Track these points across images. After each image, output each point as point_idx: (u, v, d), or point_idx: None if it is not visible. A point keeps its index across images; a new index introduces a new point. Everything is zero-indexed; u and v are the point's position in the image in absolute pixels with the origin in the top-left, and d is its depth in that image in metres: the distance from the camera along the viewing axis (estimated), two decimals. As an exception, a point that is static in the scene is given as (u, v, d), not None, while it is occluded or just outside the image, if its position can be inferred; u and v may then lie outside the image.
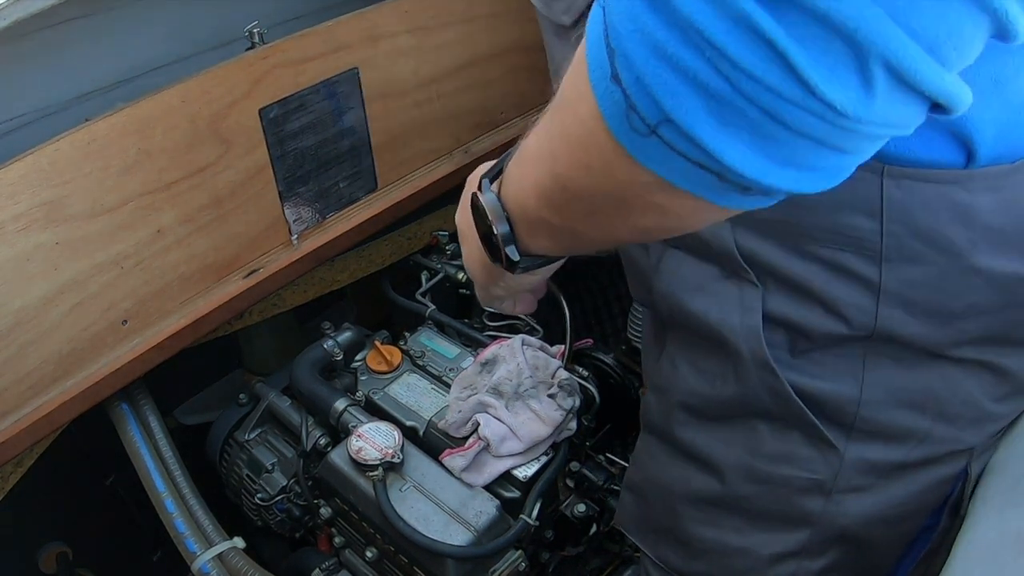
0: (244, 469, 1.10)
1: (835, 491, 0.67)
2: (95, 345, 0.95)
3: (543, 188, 0.49)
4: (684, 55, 0.35)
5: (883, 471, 0.66)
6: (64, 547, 1.18)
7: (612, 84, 0.38)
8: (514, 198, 0.53)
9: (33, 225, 0.85)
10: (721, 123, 0.36)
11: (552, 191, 0.48)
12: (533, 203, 0.51)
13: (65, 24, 0.98)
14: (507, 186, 0.54)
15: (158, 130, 0.93)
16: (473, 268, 0.67)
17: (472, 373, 0.97)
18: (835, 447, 0.65)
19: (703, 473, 0.72)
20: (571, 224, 0.50)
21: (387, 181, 1.21)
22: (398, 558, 0.92)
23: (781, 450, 0.66)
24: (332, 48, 1.06)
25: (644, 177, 0.41)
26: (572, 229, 0.51)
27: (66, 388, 0.94)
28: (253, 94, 1.00)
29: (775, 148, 0.37)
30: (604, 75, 0.38)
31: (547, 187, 0.48)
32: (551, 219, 0.51)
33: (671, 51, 0.35)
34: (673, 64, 0.36)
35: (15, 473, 0.94)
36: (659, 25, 0.35)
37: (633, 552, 1.13)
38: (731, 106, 0.36)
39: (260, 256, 1.09)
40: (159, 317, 1.00)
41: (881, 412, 0.63)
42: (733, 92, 0.35)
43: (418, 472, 0.91)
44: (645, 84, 0.37)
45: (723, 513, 0.72)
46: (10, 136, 0.98)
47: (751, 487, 0.69)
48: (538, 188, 0.49)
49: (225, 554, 0.97)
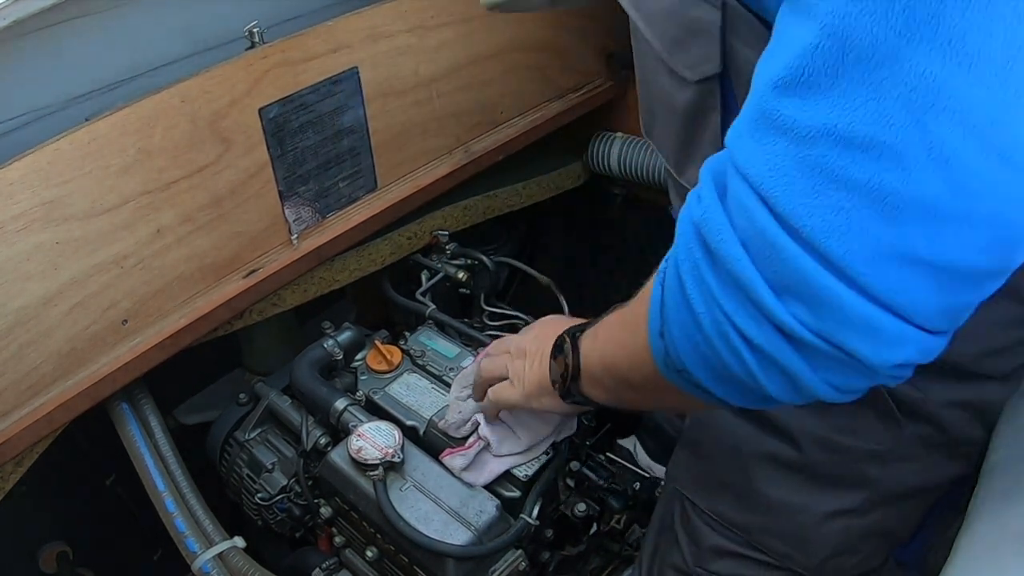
0: (244, 469, 1.10)
1: (891, 459, 0.78)
2: (95, 345, 0.95)
3: (607, 366, 0.68)
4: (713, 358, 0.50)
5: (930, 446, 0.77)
6: (64, 547, 1.18)
7: (659, 339, 0.54)
8: (585, 358, 0.71)
9: (33, 225, 0.85)
10: (717, 381, 0.52)
11: (613, 371, 0.67)
12: (598, 370, 0.70)
13: (65, 24, 0.98)
14: (584, 347, 0.72)
15: (158, 130, 0.93)
16: (530, 381, 0.81)
17: (471, 373, 0.97)
18: (899, 422, 0.75)
19: (778, 439, 0.81)
20: (619, 393, 0.69)
21: (387, 180, 1.21)
22: (398, 558, 0.92)
23: (855, 424, 0.77)
24: (332, 48, 1.06)
25: (674, 388, 0.57)
26: (619, 396, 0.70)
27: (66, 388, 0.94)
28: (253, 94, 1.00)
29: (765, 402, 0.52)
30: (656, 329, 0.55)
31: (609, 368, 0.67)
32: (606, 383, 0.69)
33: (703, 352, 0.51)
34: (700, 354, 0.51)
35: (15, 473, 0.94)
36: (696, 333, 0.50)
37: (633, 551, 1.13)
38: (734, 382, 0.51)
39: (260, 256, 1.09)
40: (159, 317, 1.00)
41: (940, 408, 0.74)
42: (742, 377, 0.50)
43: (418, 472, 0.91)
44: (676, 349, 0.53)
45: (792, 474, 0.81)
46: (10, 136, 0.98)
47: (823, 455, 0.79)
48: (603, 364, 0.68)
49: (225, 553, 0.97)
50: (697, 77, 0.69)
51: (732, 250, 0.46)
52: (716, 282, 0.47)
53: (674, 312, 0.51)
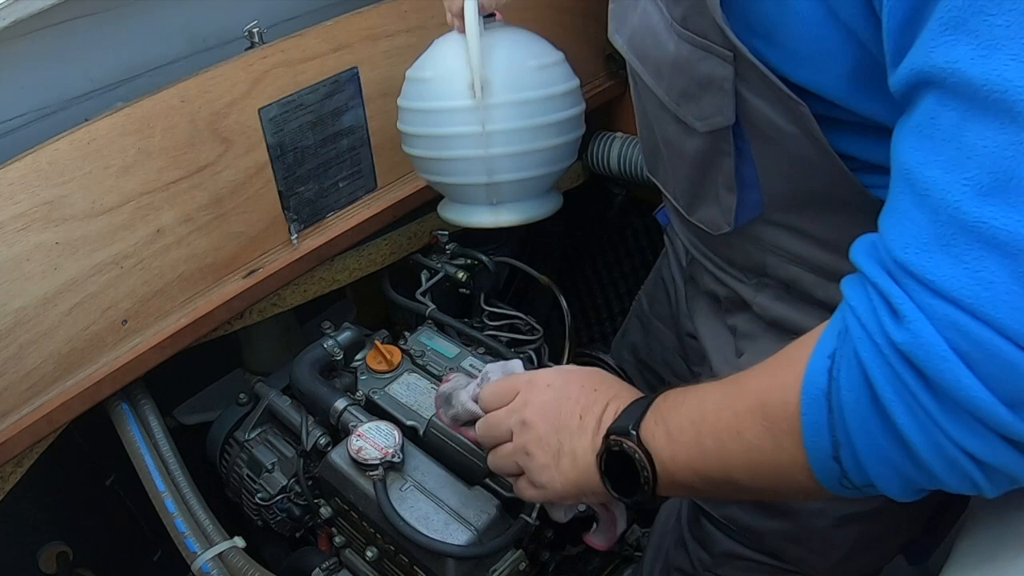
0: (244, 469, 1.10)
1: None
2: (95, 345, 0.95)
3: (707, 473, 0.60)
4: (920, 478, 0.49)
5: None
6: (64, 547, 1.18)
7: (832, 462, 0.51)
8: (664, 464, 0.62)
9: (33, 225, 0.85)
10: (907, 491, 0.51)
11: (715, 478, 0.59)
12: (686, 476, 0.61)
13: (65, 24, 0.98)
14: (658, 451, 0.62)
15: (158, 130, 0.93)
16: (565, 485, 0.68)
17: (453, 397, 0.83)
18: None
19: None
20: (716, 494, 0.64)
21: (387, 180, 1.21)
22: (398, 557, 0.92)
23: None
24: (332, 48, 1.06)
25: (818, 493, 0.54)
26: (713, 494, 0.64)
27: (66, 388, 0.94)
28: (253, 94, 1.00)
29: None
30: (825, 454, 0.51)
31: (712, 474, 0.59)
32: (698, 486, 0.61)
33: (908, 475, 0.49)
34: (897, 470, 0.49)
35: (15, 473, 0.94)
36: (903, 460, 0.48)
37: (633, 551, 1.13)
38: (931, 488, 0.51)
39: (260, 256, 1.09)
40: (159, 317, 1.00)
41: None
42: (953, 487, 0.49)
43: (418, 471, 0.91)
44: (866, 475, 0.50)
45: None
46: (10, 136, 0.98)
47: None
48: (698, 471, 0.60)
49: (226, 553, 0.97)
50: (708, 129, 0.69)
51: (959, 375, 0.44)
52: (939, 408, 0.45)
53: (866, 439, 0.49)
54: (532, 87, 0.80)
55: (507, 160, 0.80)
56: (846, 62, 0.57)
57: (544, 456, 0.68)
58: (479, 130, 0.79)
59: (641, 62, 0.75)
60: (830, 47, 0.56)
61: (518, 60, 0.80)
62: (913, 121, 0.47)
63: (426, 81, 0.80)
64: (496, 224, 0.86)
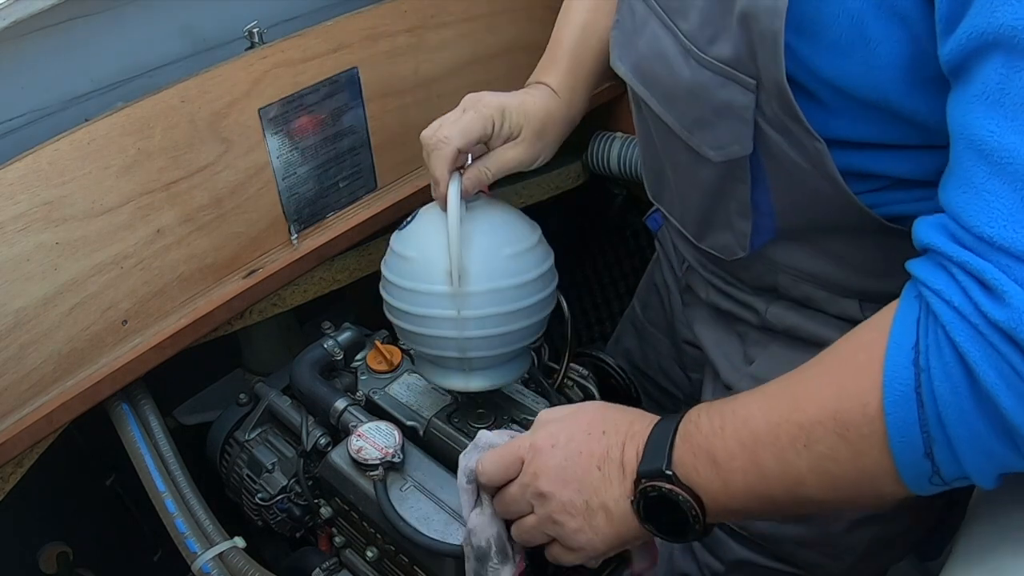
0: (244, 469, 1.10)
1: None
2: (95, 345, 0.95)
3: (769, 495, 0.56)
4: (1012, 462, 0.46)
5: None
6: (64, 547, 1.18)
7: (924, 460, 0.48)
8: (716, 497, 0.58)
9: (33, 225, 0.85)
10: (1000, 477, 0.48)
11: (779, 499, 0.56)
12: (742, 503, 0.57)
13: (65, 24, 0.98)
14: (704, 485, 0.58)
15: (158, 130, 0.93)
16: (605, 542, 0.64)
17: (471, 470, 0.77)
18: None
19: None
20: (778, 513, 0.59)
21: (387, 180, 1.21)
22: (399, 558, 0.92)
23: None
24: (332, 48, 1.06)
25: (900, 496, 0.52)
26: (775, 514, 0.60)
27: (66, 388, 0.94)
28: (253, 94, 1.00)
29: None
30: (915, 454, 0.48)
31: (775, 496, 0.56)
32: (756, 509, 0.58)
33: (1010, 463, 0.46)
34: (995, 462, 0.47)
35: (15, 473, 0.94)
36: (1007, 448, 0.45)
37: (633, 551, 1.13)
38: None
39: (260, 256, 1.09)
40: (159, 317, 1.00)
41: None
42: None
43: (419, 472, 0.91)
44: (962, 469, 0.48)
45: None
46: (10, 136, 0.98)
47: None
48: (762, 495, 0.56)
49: (226, 554, 0.97)
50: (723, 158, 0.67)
51: None
52: None
53: (965, 430, 0.46)
54: (507, 275, 0.83)
55: (481, 341, 0.85)
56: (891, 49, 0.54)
57: (574, 521, 0.63)
58: (454, 314, 0.82)
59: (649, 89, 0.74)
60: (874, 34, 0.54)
61: (495, 248, 0.84)
62: (976, 89, 0.45)
63: (408, 260, 0.84)
64: (467, 389, 0.90)
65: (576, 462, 0.63)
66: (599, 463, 0.62)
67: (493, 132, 0.81)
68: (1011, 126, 0.43)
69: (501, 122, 0.81)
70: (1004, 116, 0.43)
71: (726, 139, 0.65)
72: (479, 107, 0.80)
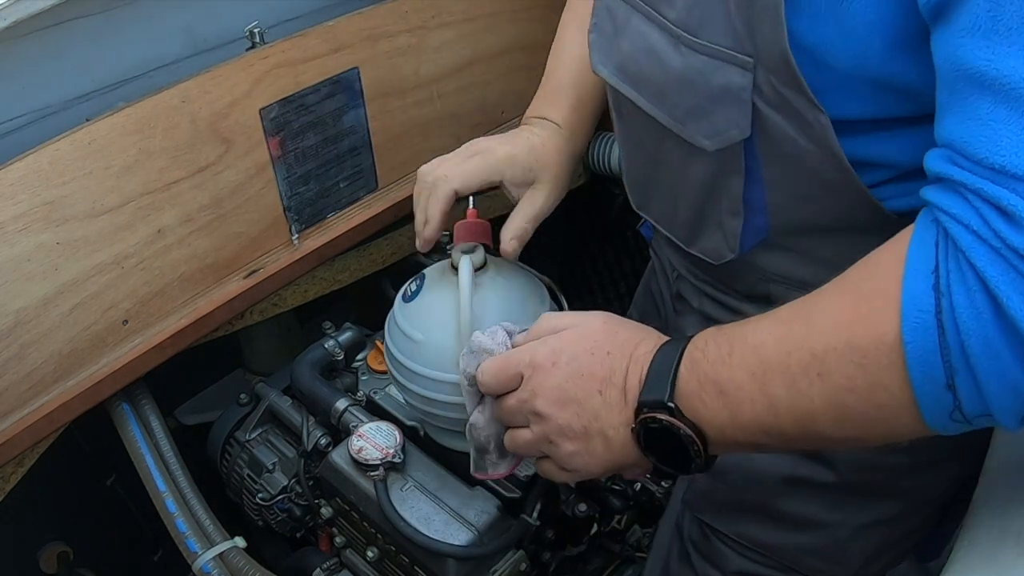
0: (245, 469, 1.10)
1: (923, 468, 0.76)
2: (96, 345, 0.95)
3: (779, 428, 0.53)
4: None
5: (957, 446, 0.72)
6: (64, 547, 1.18)
7: (945, 392, 0.45)
8: (722, 429, 0.55)
9: (33, 225, 0.85)
10: None
11: (789, 432, 0.53)
12: (750, 435, 0.54)
13: (65, 24, 0.98)
14: (710, 417, 0.55)
15: (158, 130, 0.93)
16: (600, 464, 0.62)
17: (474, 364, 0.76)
18: None
19: (813, 462, 0.77)
20: (787, 447, 0.56)
21: (387, 181, 1.21)
22: (399, 558, 0.92)
23: None
24: (332, 48, 1.06)
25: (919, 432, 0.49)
26: (783, 448, 0.57)
27: (67, 388, 0.94)
28: (253, 94, 1.00)
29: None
30: (936, 385, 0.45)
31: (785, 428, 0.53)
32: (764, 442, 0.55)
33: None
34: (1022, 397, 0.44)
35: (16, 473, 0.94)
36: None
37: (634, 552, 1.13)
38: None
39: (261, 256, 1.09)
40: (160, 317, 1.00)
41: None
42: None
43: (419, 472, 0.91)
44: (985, 403, 0.45)
45: (826, 493, 0.79)
46: (10, 136, 0.98)
47: (860, 474, 0.77)
48: (770, 428, 0.53)
49: (226, 554, 0.97)
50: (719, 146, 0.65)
51: None
52: None
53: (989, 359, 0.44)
54: None
55: None
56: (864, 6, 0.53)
57: (571, 444, 0.61)
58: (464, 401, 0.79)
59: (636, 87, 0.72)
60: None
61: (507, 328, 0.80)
62: (964, 23, 0.44)
63: (416, 343, 0.80)
64: None
65: (577, 384, 0.60)
66: (601, 387, 0.59)
67: (502, 182, 0.80)
68: (1008, 51, 0.42)
69: (512, 171, 0.80)
70: (999, 42, 0.42)
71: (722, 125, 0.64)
72: (487, 155, 0.79)
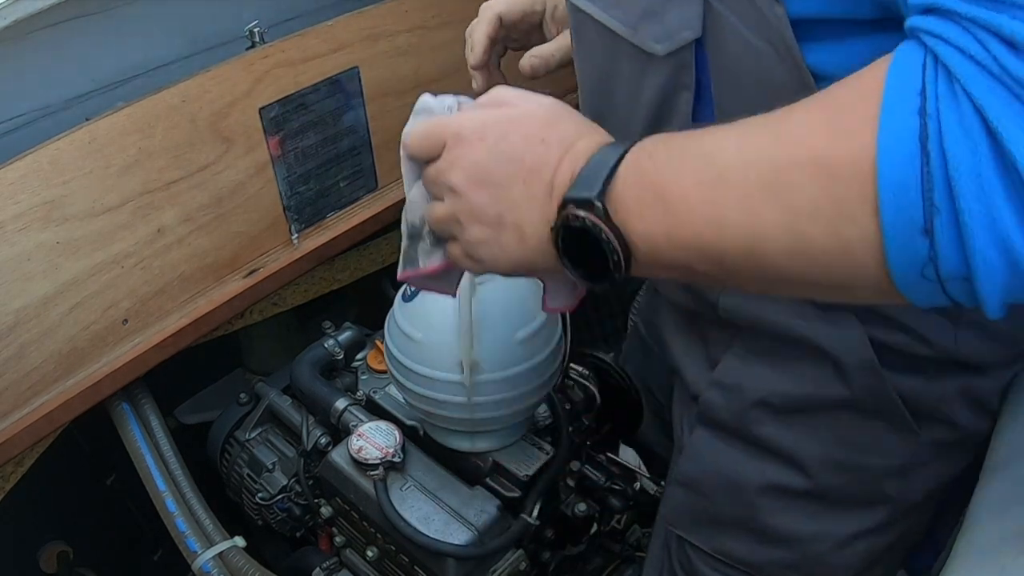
0: (245, 468, 1.10)
1: (910, 471, 0.72)
2: (95, 344, 0.95)
3: (721, 250, 0.45)
4: None
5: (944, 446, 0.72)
6: (64, 547, 1.18)
7: (920, 237, 0.38)
8: (654, 241, 0.48)
9: (33, 224, 0.85)
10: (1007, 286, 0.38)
11: (732, 257, 0.45)
12: (685, 254, 0.47)
13: (65, 24, 0.98)
14: (645, 228, 0.48)
15: (158, 129, 0.93)
16: (511, 261, 0.55)
17: None
18: (916, 432, 0.70)
19: (785, 467, 0.74)
20: (723, 279, 0.48)
21: (387, 180, 1.21)
22: (399, 557, 0.92)
23: (867, 441, 0.70)
24: (332, 47, 1.06)
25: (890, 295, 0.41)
26: (718, 279, 0.48)
27: (66, 387, 0.94)
28: (253, 93, 1.00)
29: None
30: (910, 225, 0.38)
31: (728, 251, 0.45)
32: (699, 267, 0.47)
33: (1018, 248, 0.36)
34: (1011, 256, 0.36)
35: (16, 472, 0.94)
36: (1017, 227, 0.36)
37: (634, 551, 1.13)
38: None
39: (260, 255, 1.09)
40: (159, 316, 1.01)
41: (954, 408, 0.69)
42: None
43: (419, 471, 0.91)
44: (964, 257, 0.37)
45: (802, 502, 0.75)
46: (10, 136, 0.98)
47: (836, 478, 0.73)
48: (710, 250, 0.46)
49: (226, 553, 0.97)
50: (671, 48, 0.59)
51: None
52: None
53: (978, 199, 0.36)
54: (520, 360, 0.82)
55: (491, 418, 0.85)
56: None
57: (479, 231, 0.54)
58: (465, 400, 0.81)
59: None
60: None
61: (507, 334, 0.81)
62: None
63: (416, 342, 0.81)
64: (473, 450, 0.91)
65: (500, 166, 0.53)
66: (527, 176, 0.52)
67: (544, 13, 0.79)
68: None
69: (554, 4, 0.78)
70: None
71: (675, 25, 0.58)
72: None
